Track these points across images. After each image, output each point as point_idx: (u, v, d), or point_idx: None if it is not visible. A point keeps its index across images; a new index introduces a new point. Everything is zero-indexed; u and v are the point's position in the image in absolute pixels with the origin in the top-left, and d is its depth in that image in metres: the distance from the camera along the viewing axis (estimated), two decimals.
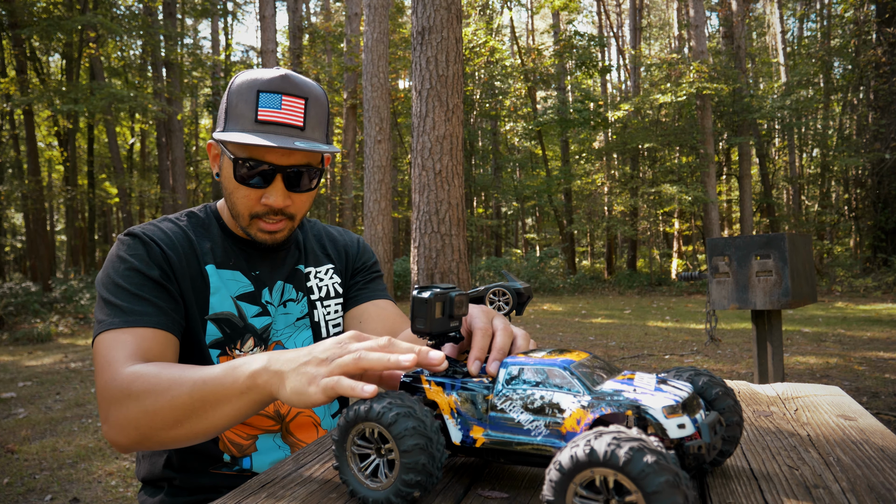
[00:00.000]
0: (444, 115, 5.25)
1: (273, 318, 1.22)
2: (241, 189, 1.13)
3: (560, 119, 18.65)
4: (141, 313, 1.05)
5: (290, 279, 1.27)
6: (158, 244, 1.12)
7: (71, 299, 12.05)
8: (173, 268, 1.12)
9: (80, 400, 5.16)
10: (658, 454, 0.53)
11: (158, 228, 1.16)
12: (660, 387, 0.69)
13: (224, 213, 1.25)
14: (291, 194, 1.14)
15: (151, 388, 0.92)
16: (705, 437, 0.67)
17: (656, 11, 30.23)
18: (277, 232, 1.17)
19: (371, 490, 0.72)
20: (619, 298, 15.22)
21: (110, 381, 0.96)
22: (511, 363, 0.75)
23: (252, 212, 1.14)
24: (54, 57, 20.28)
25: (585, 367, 0.73)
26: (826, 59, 19.20)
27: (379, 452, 0.73)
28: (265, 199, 1.12)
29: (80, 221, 20.40)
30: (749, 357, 6.29)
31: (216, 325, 1.15)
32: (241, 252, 1.23)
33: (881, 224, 16.21)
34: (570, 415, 0.68)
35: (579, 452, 0.55)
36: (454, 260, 5.29)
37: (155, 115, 15.18)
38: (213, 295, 1.16)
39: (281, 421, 1.21)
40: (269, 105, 1.07)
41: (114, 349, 1.01)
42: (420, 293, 0.82)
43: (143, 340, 1.03)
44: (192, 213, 1.24)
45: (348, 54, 15.38)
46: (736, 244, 3.04)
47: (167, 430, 0.92)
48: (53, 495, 3.09)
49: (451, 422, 0.78)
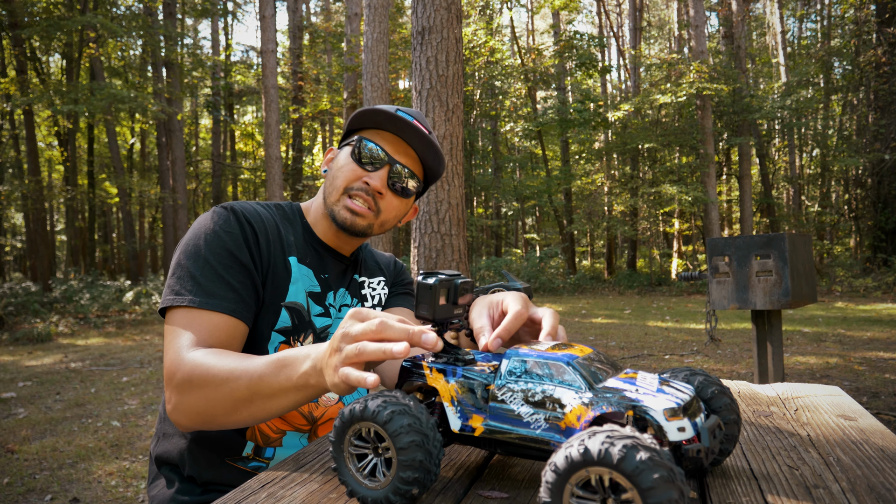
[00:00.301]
0: (444, 115, 5.25)
1: (333, 320, 1.27)
2: (351, 164, 1.21)
3: (560, 119, 18.64)
4: (221, 297, 1.07)
5: (349, 287, 1.34)
6: (253, 225, 1.16)
7: (71, 299, 12.05)
8: (261, 250, 1.16)
9: (80, 400, 5.16)
10: (651, 451, 0.53)
11: (254, 209, 1.20)
12: (662, 388, 0.69)
13: (309, 213, 1.31)
14: (388, 191, 1.22)
15: (210, 378, 0.97)
16: (705, 441, 0.66)
17: (656, 11, 30.23)
18: (360, 216, 1.21)
19: (370, 490, 0.72)
20: (619, 298, 15.21)
21: (176, 366, 1.01)
22: (514, 355, 0.75)
23: (349, 184, 1.21)
24: (54, 57, 20.28)
25: (588, 362, 0.73)
26: (826, 59, 19.20)
27: (376, 452, 0.73)
28: (367, 178, 1.20)
29: (80, 221, 20.40)
30: (749, 357, 6.29)
31: (289, 312, 1.19)
32: (316, 253, 1.28)
33: (881, 224, 16.21)
34: (571, 410, 0.68)
35: (573, 452, 0.55)
36: (454, 260, 5.29)
37: (155, 115, 15.17)
38: (293, 284, 1.20)
39: (313, 423, 1.24)
40: (405, 115, 1.22)
41: (184, 330, 1.04)
42: (425, 279, 0.82)
43: (216, 327, 1.06)
44: (278, 205, 1.31)
45: (348, 54, 15.37)
46: (736, 244, 3.04)
47: (226, 416, 0.99)
48: (53, 495, 3.09)
49: (451, 409, 0.78)
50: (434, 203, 5.27)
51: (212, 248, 1.10)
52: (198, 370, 0.98)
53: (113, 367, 6.71)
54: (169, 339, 1.05)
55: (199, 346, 1.03)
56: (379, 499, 0.71)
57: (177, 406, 1.02)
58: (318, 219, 1.29)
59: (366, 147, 1.20)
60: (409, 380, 0.83)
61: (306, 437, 1.22)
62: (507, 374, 0.74)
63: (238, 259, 1.11)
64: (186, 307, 1.06)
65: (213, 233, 1.11)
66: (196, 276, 1.07)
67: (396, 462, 0.69)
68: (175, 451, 1.19)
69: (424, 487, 0.71)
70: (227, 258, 1.10)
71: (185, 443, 1.18)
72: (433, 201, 5.26)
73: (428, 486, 0.71)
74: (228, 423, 1.00)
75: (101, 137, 21.98)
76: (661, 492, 0.52)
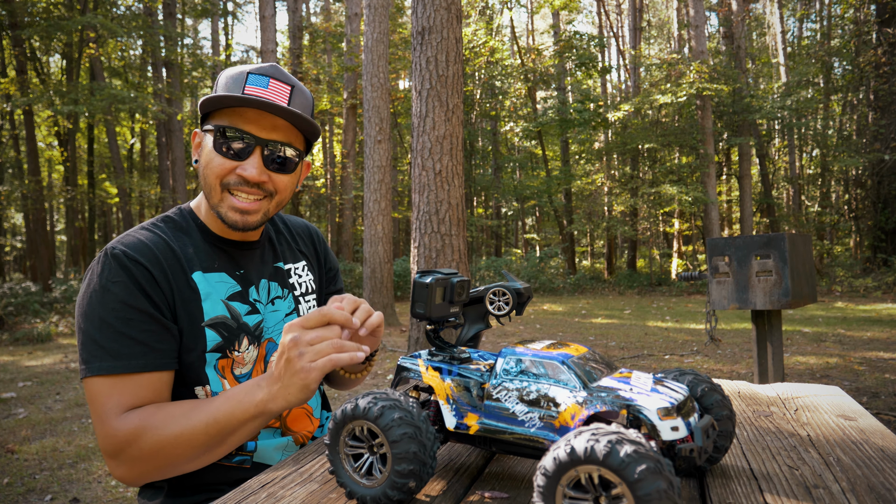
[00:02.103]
0: (444, 115, 5.25)
1: (263, 315, 1.21)
2: (218, 158, 1.09)
3: (560, 119, 18.63)
4: (129, 356, 1.02)
5: (273, 277, 1.26)
6: (140, 262, 1.06)
7: (71, 299, 12.04)
8: (159, 285, 1.07)
9: (80, 400, 5.16)
10: (636, 444, 0.53)
11: (139, 241, 1.10)
12: (656, 387, 0.69)
13: (201, 210, 1.22)
14: (270, 173, 1.12)
15: (162, 441, 0.98)
16: (698, 440, 0.67)
17: (656, 11, 30.22)
18: (251, 213, 1.12)
19: (367, 488, 0.72)
20: (619, 298, 15.21)
21: (111, 436, 0.99)
22: (509, 354, 0.75)
23: (223, 180, 1.10)
24: (54, 57, 20.27)
25: (583, 362, 0.73)
26: (826, 59, 19.19)
27: (371, 450, 0.73)
28: (240, 170, 1.09)
29: (80, 221, 20.38)
30: (749, 357, 6.29)
31: (214, 329, 1.13)
32: (223, 252, 1.20)
33: (881, 224, 16.21)
34: (566, 409, 0.68)
35: (560, 454, 0.56)
36: (454, 260, 5.29)
37: (155, 115, 15.17)
38: (205, 301, 1.12)
39: (280, 419, 1.22)
40: (257, 84, 1.09)
41: (106, 398, 1.00)
42: (422, 277, 0.82)
43: (136, 386, 1.02)
44: (168, 217, 1.21)
45: (348, 54, 15.37)
46: (736, 244, 3.04)
47: (186, 464, 1.01)
48: (53, 495, 3.09)
49: (447, 407, 0.78)
50: (434, 203, 5.26)
51: (105, 306, 1.03)
52: (145, 439, 0.97)
53: None
54: (94, 410, 1.01)
55: (129, 408, 1.00)
56: (377, 496, 0.71)
57: (126, 475, 1.02)
58: (211, 216, 1.20)
59: (226, 135, 1.08)
60: (404, 377, 0.84)
61: (279, 432, 1.22)
62: (503, 373, 0.74)
63: (135, 308, 1.04)
64: (99, 377, 1.00)
65: (101, 289, 1.04)
66: (97, 339, 1.01)
67: (391, 456, 0.70)
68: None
69: (421, 480, 0.71)
70: (124, 312, 1.03)
71: None
72: (433, 201, 5.26)
73: (425, 479, 0.71)
74: (187, 469, 1.03)
75: (101, 137, 21.97)
76: (649, 483, 0.52)
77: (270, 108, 1.06)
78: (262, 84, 1.09)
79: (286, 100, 1.11)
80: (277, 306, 1.25)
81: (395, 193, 20.36)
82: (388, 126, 9.55)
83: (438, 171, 5.26)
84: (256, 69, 1.11)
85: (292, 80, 1.13)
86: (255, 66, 1.11)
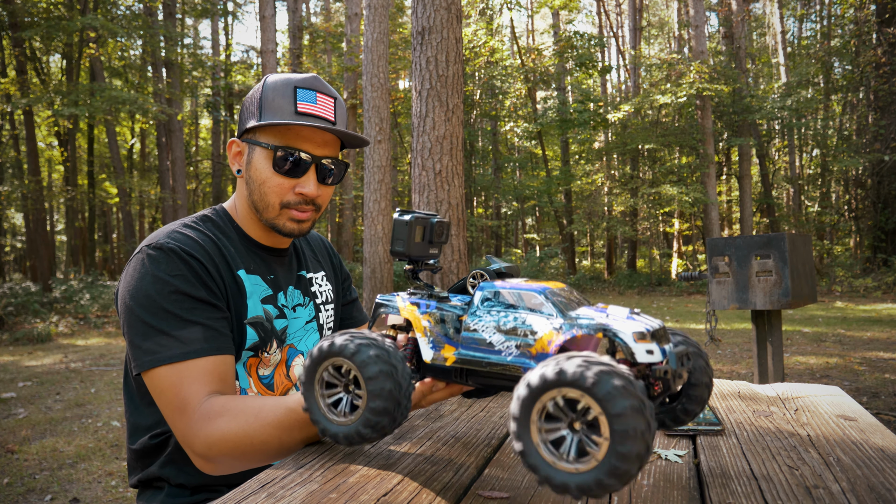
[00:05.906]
0: (444, 115, 5.25)
1: (288, 321, 1.24)
2: (276, 178, 1.14)
3: (560, 119, 18.63)
4: (199, 340, 1.03)
5: (298, 285, 1.30)
6: (196, 257, 1.09)
7: (71, 299, 12.04)
8: (214, 280, 1.10)
9: (80, 400, 5.16)
10: (625, 379, 0.53)
11: (188, 237, 1.12)
12: (632, 316, 0.69)
13: (237, 214, 1.25)
14: (321, 186, 1.18)
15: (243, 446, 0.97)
16: (672, 363, 0.67)
17: (656, 11, 30.22)
18: (305, 222, 1.19)
19: (340, 426, 0.72)
20: (620, 298, 15.21)
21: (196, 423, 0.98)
22: (487, 286, 0.75)
23: (284, 200, 1.16)
24: (54, 57, 20.28)
25: (561, 295, 0.73)
26: (826, 59, 19.19)
27: (346, 388, 0.73)
28: (299, 188, 1.15)
29: (80, 221, 20.38)
30: (749, 357, 6.28)
31: (254, 328, 1.15)
32: (257, 256, 1.23)
33: (881, 224, 16.21)
34: (542, 336, 0.68)
35: (549, 372, 0.55)
36: (454, 260, 5.29)
37: (155, 115, 15.17)
38: (249, 299, 1.16)
39: None
40: (307, 99, 1.13)
41: (180, 387, 1.00)
42: (402, 216, 0.82)
43: (206, 373, 1.02)
44: (206, 216, 1.23)
45: (348, 54, 15.37)
46: (736, 244, 3.04)
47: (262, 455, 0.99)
48: (53, 495, 3.09)
49: (423, 340, 0.78)
50: (434, 203, 5.26)
51: (167, 297, 1.04)
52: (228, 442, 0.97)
53: (113, 367, 6.70)
54: (170, 401, 1.00)
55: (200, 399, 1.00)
56: (350, 433, 0.71)
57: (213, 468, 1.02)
58: (249, 221, 1.24)
59: (285, 155, 1.13)
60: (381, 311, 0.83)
61: None
62: (481, 304, 0.74)
63: (197, 298, 1.06)
64: (170, 364, 1.01)
65: (160, 280, 1.04)
66: (163, 329, 1.02)
67: (366, 393, 0.69)
68: (155, 469, 1.17)
69: (394, 420, 0.71)
70: (187, 301, 1.05)
71: (166, 455, 1.16)
72: (433, 201, 5.26)
73: (399, 420, 0.71)
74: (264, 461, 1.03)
75: (101, 137, 21.96)
76: (629, 419, 0.52)
77: (328, 129, 1.13)
78: (311, 100, 1.14)
79: (332, 114, 1.17)
80: (299, 313, 1.28)
81: (395, 193, 20.35)
82: (388, 126, 9.55)
83: (438, 171, 5.26)
84: (301, 82, 1.14)
85: (332, 91, 1.19)
86: (298, 78, 1.14)
